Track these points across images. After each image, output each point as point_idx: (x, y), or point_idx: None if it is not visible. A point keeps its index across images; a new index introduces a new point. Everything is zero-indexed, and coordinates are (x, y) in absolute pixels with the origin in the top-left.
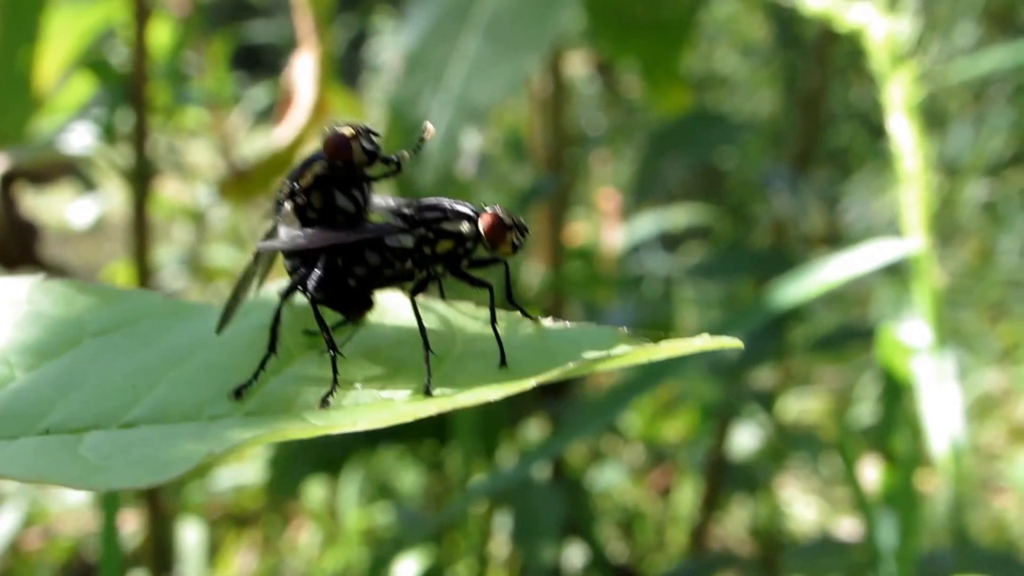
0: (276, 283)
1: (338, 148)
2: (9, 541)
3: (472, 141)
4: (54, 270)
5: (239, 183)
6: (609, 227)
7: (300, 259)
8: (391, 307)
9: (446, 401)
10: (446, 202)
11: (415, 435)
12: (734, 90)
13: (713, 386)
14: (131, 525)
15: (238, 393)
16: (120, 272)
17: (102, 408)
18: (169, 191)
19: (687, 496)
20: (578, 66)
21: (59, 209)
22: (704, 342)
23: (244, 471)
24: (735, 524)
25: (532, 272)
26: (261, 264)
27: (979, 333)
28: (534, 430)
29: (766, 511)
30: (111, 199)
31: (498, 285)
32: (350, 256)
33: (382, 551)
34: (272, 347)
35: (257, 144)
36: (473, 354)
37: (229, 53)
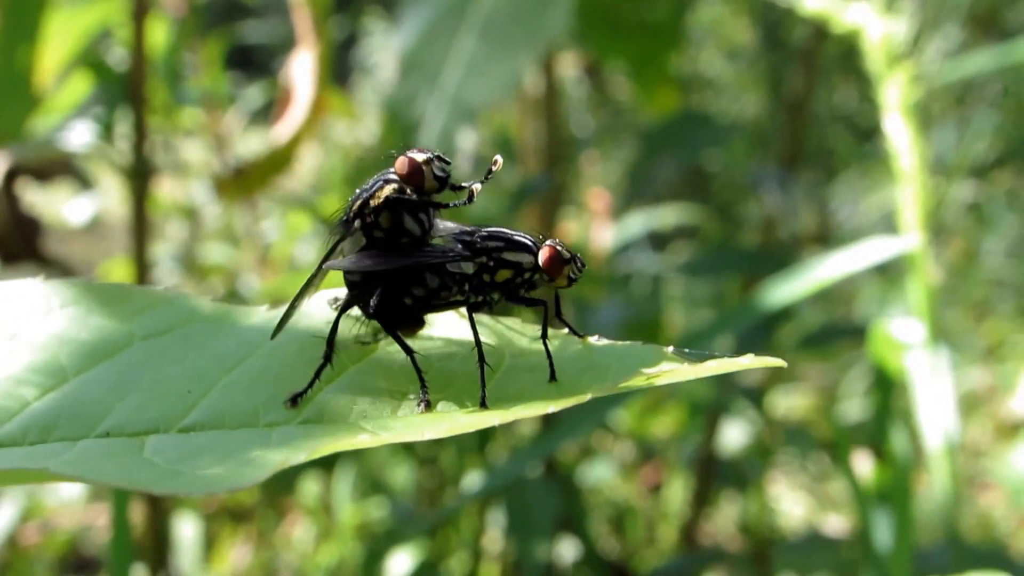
0: (326, 294)
1: (410, 172)
2: (7, 535)
3: (468, 141)
4: (56, 266)
5: (236, 181)
6: (599, 226)
7: (360, 275)
8: (440, 321)
9: (506, 413)
10: (508, 232)
11: None
12: (720, 92)
13: (702, 383)
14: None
15: (294, 401)
16: (116, 268)
17: (160, 412)
18: (164, 189)
19: (677, 492)
20: (568, 68)
21: (57, 206)
22: (751, 361)
23: None
24: (725, 520)
25: None
26: (320, 279)
27: (964, 331)
28: (526, 426)
29: (755, 507)
30: (107, 197)
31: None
32: (410, 277)
33: (376, 546)
34: (328, 358)
35: (252, 143)
36: (521, 368)
37: (223, 53)
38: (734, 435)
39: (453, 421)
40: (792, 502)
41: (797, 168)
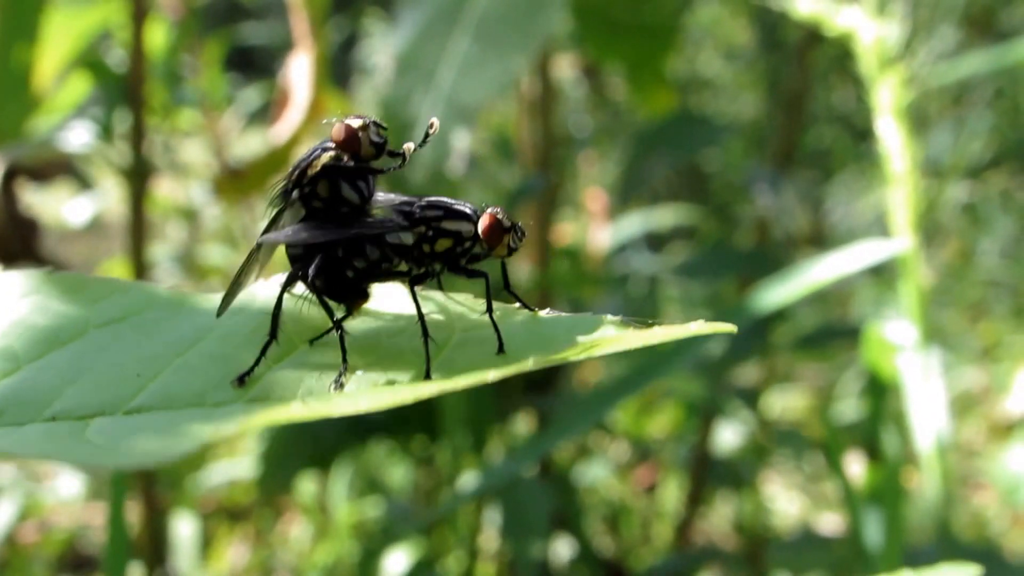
0: (278, 275)
1: (346, 139)
2: (5, 534)
3: (462, 140)
4: (53, 266)
5: (234, 181)
6: (596, 227)
7: (302, 249)
8: (389, 298)
9: (446, 383)
10: (447, 202)
11: (405, 430)
12: (718, 93)
13: (698, 383)
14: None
15: (241, 380)
16: (115, 269)
17: (107, 396)
18: (164, 190)
19: (672, 492)
20: (566, 69)
21: (56, 207)
22: (699, 327)
23: (237, 466)
24: (720, 519)
25: (520, 270)
26: (263, 253)
27: (960, 332)
28: (522, 425)
29: (750, 507)
30: (107, 197)
31: (496, 276)
32: (351, 249)
33: (372, 544)
34: (273, 334)
35: (251, 144)
36: (470, 341)
37: (223, 55)
38: (729, 435)
39: (394, 392)
40: (787, 501)
41: (792, 169)
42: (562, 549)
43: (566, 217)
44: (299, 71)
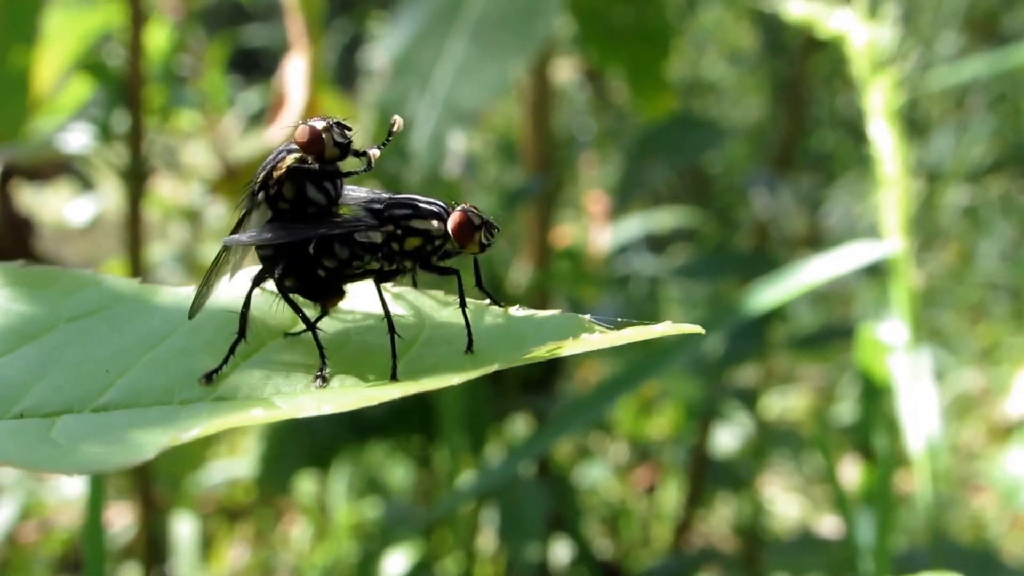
0: (248, 270)
1: (309, 140)
2: (6, 533)
3: (458, 142)
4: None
5: (230, 181)
6: (597, 228)
7: (272, 248)
8: (360, 295)
9: (410, 385)
10: (416, 199)
11: (403, 431)
12: (721, 96)
13: (696, 384)
14: (125, 519)
15: (208, 378)
16: (115, 269)
17: (75, 392)
18: (165, 190)
19: (672, 493)
20: (568, 72)
21: (58, 207)
22: (666, 327)
23: (236, 466)
24: (719, 521)
25: (520, 271)
26: (234, 252)
27: (959, 334)
28: (520, 426)
29: (749, 508)
30: (108, 198)
31: (468, 272)
32: (320, 248)
33: (371, 545)
34: (242, 332)
35: (251, 145)
36: (440, 340)
37: (227, 56)
38: (728, 437)
39: (358, 393)
40: (786, 503)
41: (793, 170)
42: (560, 550)
43: (567, 219)
44: (295, 73)
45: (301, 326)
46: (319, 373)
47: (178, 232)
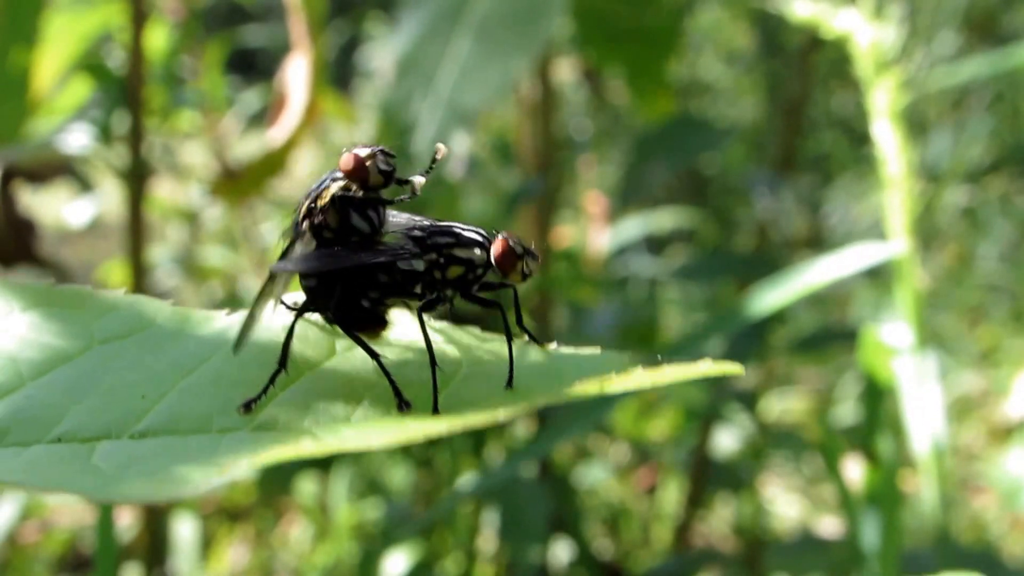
0: (291, 298)
1: (355, 168)
2: (7, 533)
3: (462, 144)
4: (51, 268)
5: (231, 183)
6: (595, 230)
7: (316, 278)
8: (399, 326)
9: (456, 420)
10: (458, 227)
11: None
12: (719, 97)
13: (696, 386)
14: (125, 519)
15: (247, 407)
16: (115, 270)
17: (113, 417)
18: (164, 192)
19: (672, 494)
20: (567, 72)
21: (57, 208)
22: (707, 368)
23: None
24: (719, 522)
25: None
26: (277, 282)
27: (958, 336)
28: (521, 428)
29: (749, 509)
30: (108, 199)
31: (508, 309)
32: (363, 277)
33: (372, 546)
34: (283, 363)
35: (250, 146)
36: (478, 375)
37: (225, 57)
38: (728, 438)
39: (402, 429)
40: (787, 504)
41: (792, 171)
42: (561, 551)
43: (566, 220)
44: (295, 74)
45: (337, 352)
46: (400, 400)
47: (177, 233)
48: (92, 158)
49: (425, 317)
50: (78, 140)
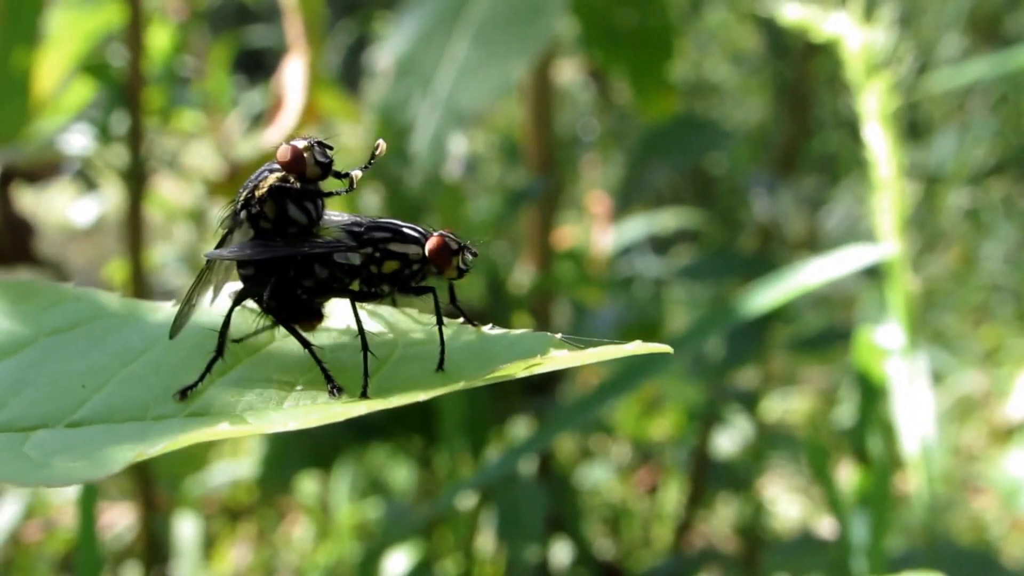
0: (230, 287)
1: (291, 160)
2: (9, 533)
3: (459, 144)
4: (50, 267)
5: (229, 183)
6: (599, 230)
7: (252, 267)
8: (335, 312)
9: (376, 402)
10: (396, 223)
11: (405, 432)
12: (724, 97)
13: (696, 386)
14: (126, 519)
15: (183, 394)
16: (120, 269)
17: (51, 407)
18: (169, 191)
19: (673, 494)
20: (572, 72)
21: (62, 208)
22: (635, 347)
23: (239, 466)
24: (719, 521)
25: (522, 273)
26: (215, 271)
27: (961, 336)
28: (521, 428)
29: (750, 509)
30: (111, 199)
31: (443, 290)
32: (300, 269)
33: (373, 545)
34: (220, 350)
35: (253, 146)
36: (412, 357)
37: (231, 57)
38: (728, 439)
39: (325, 410)
40: (787, 504)
41: (795, 172)
42: (561, 551)
43: (570, 220)
44: (293, 75)
45: (276, 340)
46: (331, 386)
47: (182, 233)
48: (93, 158)
49: (360, 304)
50: (79, 140)
